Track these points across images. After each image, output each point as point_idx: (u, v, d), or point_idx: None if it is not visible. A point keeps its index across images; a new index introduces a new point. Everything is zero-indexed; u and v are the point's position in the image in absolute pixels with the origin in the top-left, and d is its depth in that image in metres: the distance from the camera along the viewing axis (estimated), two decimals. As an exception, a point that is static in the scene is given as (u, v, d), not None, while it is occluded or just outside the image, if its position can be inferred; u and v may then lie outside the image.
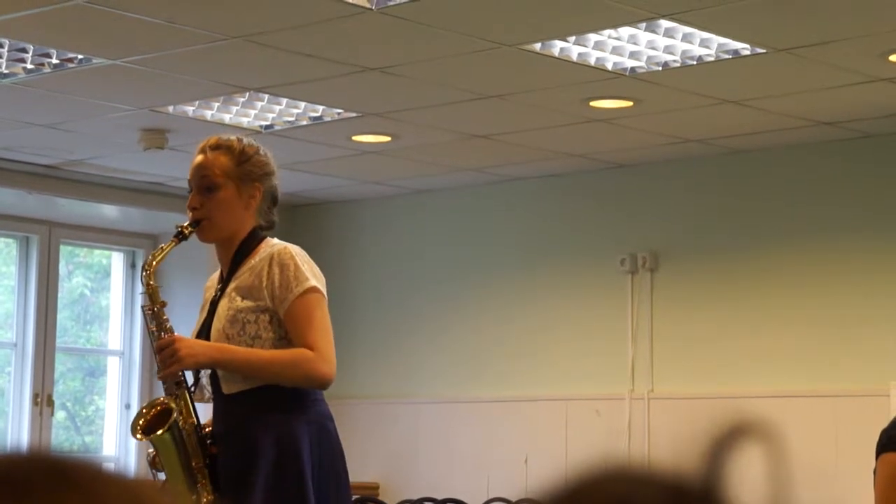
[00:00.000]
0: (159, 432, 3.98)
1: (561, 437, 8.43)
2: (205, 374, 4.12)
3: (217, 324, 4.08)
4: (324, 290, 4.09)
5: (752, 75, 6.53)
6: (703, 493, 0.98)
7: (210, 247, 4.25)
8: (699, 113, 7.19)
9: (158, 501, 0.97)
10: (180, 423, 4.00)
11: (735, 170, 8.06)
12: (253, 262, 4.11)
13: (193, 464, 4.00)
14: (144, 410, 4.09)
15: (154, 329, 4.07)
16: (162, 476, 4.03)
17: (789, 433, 7.25)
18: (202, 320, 4.16)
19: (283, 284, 4.04)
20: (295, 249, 4.13)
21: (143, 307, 4.15)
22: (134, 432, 4.03)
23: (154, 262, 4.09)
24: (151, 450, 4.07)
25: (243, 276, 4.10)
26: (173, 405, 4.01)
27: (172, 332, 4.06)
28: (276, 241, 4.19)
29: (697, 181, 8.19)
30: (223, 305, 4.09)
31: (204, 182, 4.11)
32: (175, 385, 4.03)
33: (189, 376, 4.12)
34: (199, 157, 4.15)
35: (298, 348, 4.01)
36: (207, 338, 4.08)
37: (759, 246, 7.94)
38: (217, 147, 4.15)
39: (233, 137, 4.24)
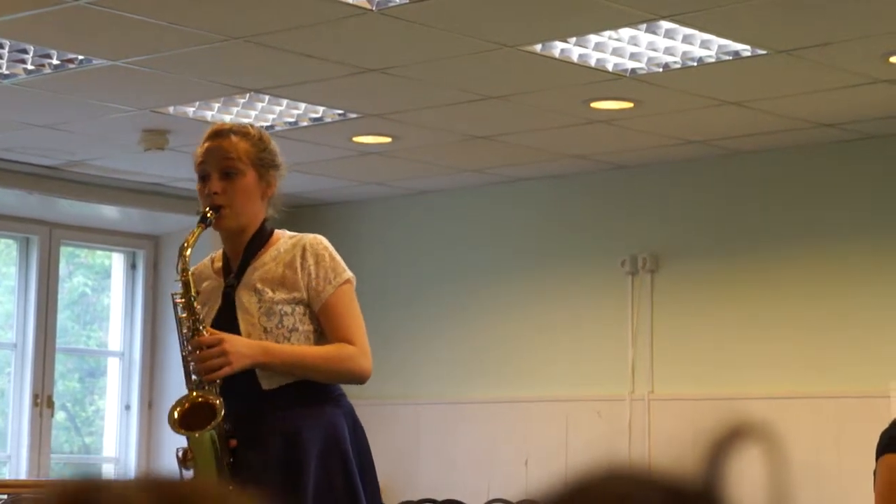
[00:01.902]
0: (200, 431, 3.85)
1: (561, 439, 8.43)
2: None
3: (248, 317, 3.97)
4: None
5: (752, 77, 6.53)
6: (702, 494, 0.98)
7: (214, 241, 4.18)
8: (700, 114, 7.19)
9: None
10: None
11: (736, 171, 8.06)
12: (275, 252, 4.02)
13: (224, 462, 3.90)
14: (187, 399, 3.91)
15: (186, 318, 3.92)
16: (189, 474, 3.91)
17: (790, 435, 7.25)
18: (215, 311, 4.01)
19: (320, 276, 3.97)
20: (325, 240, 4.10)
21: (173, 295, 3.99)
22: (173, 425, 3.88)
23: (188, 250, 3.93)
24: (182, 447, 3.93)
25: (268, 266, 4.00)
26: (218, 405, 3.87)
27: (206, 326, 3.91)
28: (289, 232, 4.14)
29: (698, 182, 8.19)
30: (248, 297, 3.98)
31: (225, 166, 3.98)
32: (207, 383, 3.89)
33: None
34: (217, 141, 4.01)
35: (339, 343, 3.95)
36: (230, 331, 3.95)
37: (760, 247, 7.94)
38: (234, 132, 4.03)
39: (245, 123, 4.18)
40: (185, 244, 3.93)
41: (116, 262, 9.76)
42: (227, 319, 3.99)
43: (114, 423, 9.62)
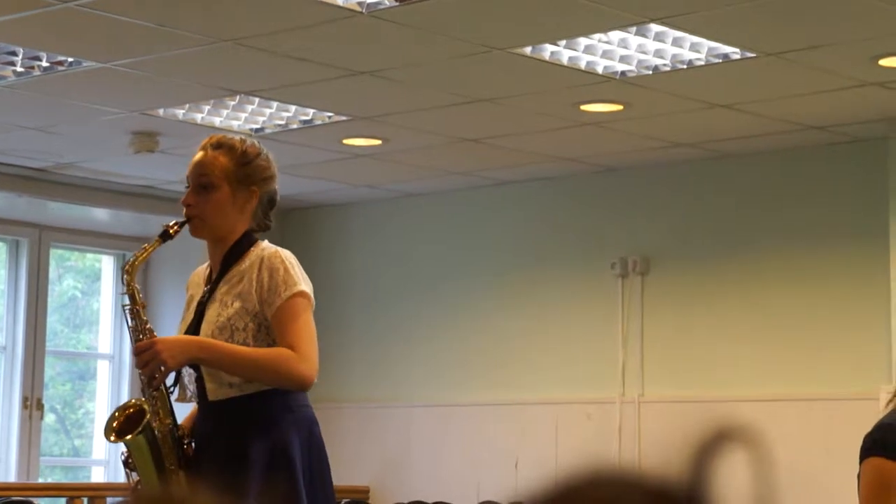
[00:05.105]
0: (131, 435, 3.95)
1: (551, 441, 8.43)
2: (187, 374, 4.07)
3: (207, 328, 4.03)
4: (312, 296, 4.07)
5: (742, 79, 6.53)
6: (689, 497, 0.98)
7: (202, 246, 4.22)
8: (689, 117, 7.20)
9: None
10: (154, 425, 3.96)
11: (725, 174, 8.07)
12: (243, 266, 4.07)
13: (167, 465, 3.96)
14: (118, 413, 4.06)
15: (134, 328, 4.02)
16: (135, 476, 4.00)
17: (779, 437, 7.26)
18: (189, 320, 4.11)
19: (271, 288, 4.00)
20: (285, 253, 4.11)
21: (123, 307, 4.09)
22: (107, 434, 4.01)
23: (136, 262, 4.05)
24: (124, 450, 4.03)
25: (233, 280, 4.06)
26: (146, 407, 3.97)
27: (152, 334, 4.00)
28: (266, 244, 4.16)
29: (688, 185, 8.20)
30: (213, 310, 4.04)
31: (200, 180, 4.07)
32: (151, 387, 3.97)
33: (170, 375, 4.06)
34: (200, 154, 4.11)
35: (280, 348, 3.96)
36: None
37: (750, 250, 7.95)
38: (219, 146, 4.11)
39: (236, 138, 4.22)
40: (134, 257, 4.05)
41: (106, 264, 9.75)
42: (193, 332, 4.07)
43: (104, 426, 9.59)
